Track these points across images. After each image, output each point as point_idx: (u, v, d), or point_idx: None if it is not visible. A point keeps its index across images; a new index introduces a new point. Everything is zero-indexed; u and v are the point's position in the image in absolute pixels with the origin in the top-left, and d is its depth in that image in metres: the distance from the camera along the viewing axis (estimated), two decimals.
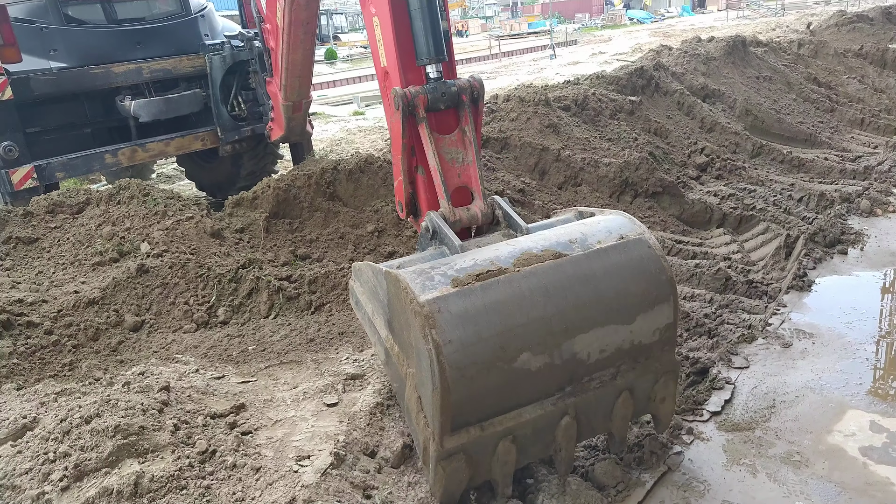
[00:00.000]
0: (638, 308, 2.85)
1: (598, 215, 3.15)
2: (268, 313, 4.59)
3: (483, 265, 2.65)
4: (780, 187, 7.09)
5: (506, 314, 2.58)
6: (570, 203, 6.60)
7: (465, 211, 3.13)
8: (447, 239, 2.96)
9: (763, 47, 11.37)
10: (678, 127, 8.29)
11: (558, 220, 3.25)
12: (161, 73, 6.91)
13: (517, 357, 2.60)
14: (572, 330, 2.71)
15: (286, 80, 6.19)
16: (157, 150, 6.93)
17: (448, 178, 3.13)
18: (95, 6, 6.81)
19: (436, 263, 2.71)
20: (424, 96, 3.10)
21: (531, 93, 7.96)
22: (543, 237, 2.87)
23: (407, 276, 2.61)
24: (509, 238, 3.01)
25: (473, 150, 3.18)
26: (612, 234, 2.90)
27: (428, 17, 3.14)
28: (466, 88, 3.20)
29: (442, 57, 3.19)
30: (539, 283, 2.66)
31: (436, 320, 2.46)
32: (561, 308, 2.68)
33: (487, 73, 25.42)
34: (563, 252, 2.75)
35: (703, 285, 5.13)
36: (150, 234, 4.93)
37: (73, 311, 4.14)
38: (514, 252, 2.73)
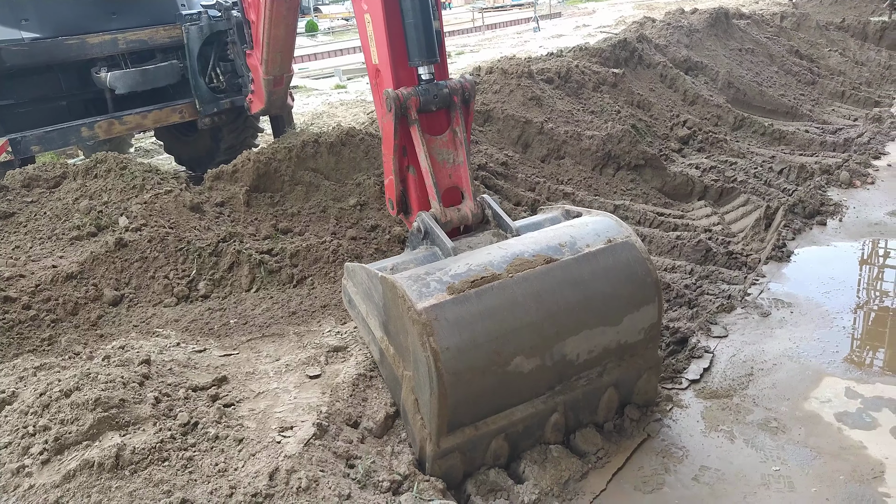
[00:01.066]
0: (625, 310, 2.99)
1: (586, 216, 3.23)
2: (249, 287, 4.56)
3: (477, 271, 2.74)
4: (760, 160, 7.13)
5: (500, 320, 2.69)
6: (553, 176, 6.59)
7: (455, 211, 3.21)
8: (439, 240, 3.03)
9: (746, 19, 11.35)
10: (661, 100, 8.29)
11: (546, 219, 3.35)
12: (137, 44, 6.76)
13: (511, 360, 2.73)
14: (563, 333, 2.84)
15: (268, 55, 6.08)
16: (134, 123, 6.81)
17: (439, 179, 3.20)
18: None
19: (430, 268, 2.79)
20: (417, 98, 3.12)
21: (514, 65, 7.89)
22: (534, 240, 2.96)
23: (403, 282, 2.68)
24: (499, 238, 3.10)
25: (464, 151, 3.22)
26: (599, 237, 3.01)
27: (420, 18, 3.15)
28: (458, 90, 3.23)
29: (434, 59, 3.20)
30: (531, 288, 2.76)
31: (433, 328, 2.56)
32: (552, 312, 2.80)
33: (471, 46, 25.19)
34: (554, 256, 2.86)
35: (683, 257, 5.17)
36: (129, 207, 4.86)
37: (51, 285, 4.09)
38: (506, 257, 2.82)
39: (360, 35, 3.44)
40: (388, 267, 3.02)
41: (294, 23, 5.94)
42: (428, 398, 2.63)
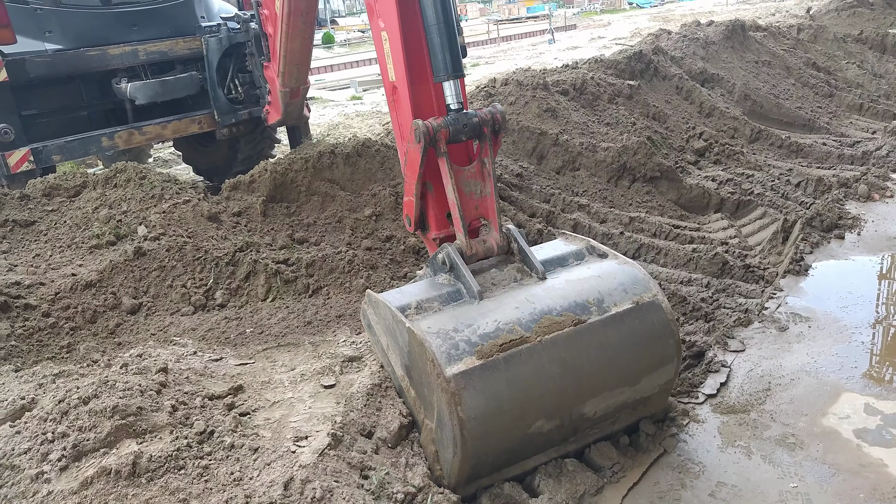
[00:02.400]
0: (646, 371, 3.07)
1: (612, 261, 3.23)
2: (265, 296, 4.59)
3: (505, 330, 2.77)
4: (778, 172, 7.08)
5: (526, 387, 2.76)
6: (568, 188, 6.59)
7: (481, 244, 3.16)
8: (465, 279, 3.01)
9: (762, 32, 11.32)
10: (677, 111, 8.27)
11: (570, 254, 3.31)
12: (157, 56, 6.85)
13: (532, 424, 2.82)
14: (584, 395, 2.92)
15: (284, 68, 6.15)
16: (153, 134, 6.89)
17: (466, 212, 3.12)
18: None
19: (458, 324, 2.81)
20: (446, 130, 3.04)
21: (529, 77, 7.92)
22: (562, 294, 2.97)
23: (432, 341, 2.71)
24: (523, 275, 3.11)
25: (492, 182, 3.16)
26: (627, 295, 3.03)
27: (445, 33, 3.08)
28: (488, 121, 3.13)
29: (460, 73, 3.14)
30: (559, 353, 2.82)
31: (462, 398, 2.63)
32: (577, 378, 2.88)
33: (486, 58, 25.29)
34: (582, 317, 2.89)
35: (700, 270, 5.14)
36: (147, 217, 4.92)
37: (70, 293, 4.14)
38: (534, 314, 2.85)
39: (377, 52, 3.43)
40: (411, 305, 2.97)
41: (310, 36, 6.00)
42: (450, 458, 2.75)
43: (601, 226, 5.87)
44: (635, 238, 5.60)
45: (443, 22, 3.07)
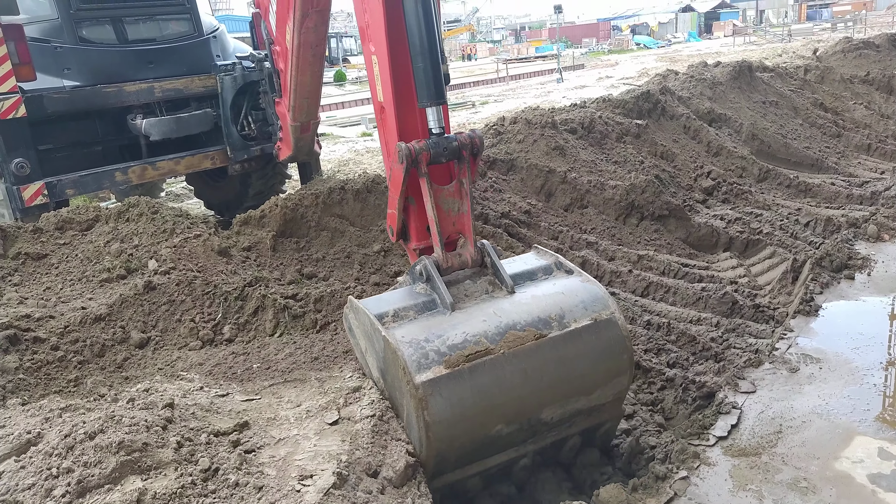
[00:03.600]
0: (601, 382, 3.28)
1: (576, 278, 3.45)
2: (273, 331, 4.59)
3: (472, 342, 3.01)
4: (786, 212, 7.09)
5: (488, 395, 2.99)
6: (576, 225, 6.61)
7: (456, 257, 3.39)
8: (439, 291, 3.23)
9: (769, 73, 11.43)
10: (684, 150, 8.32)
11: (539, 268, 3.53)
12: (172, 93, 6.98)
13: (493, 428, 3.05)
14: (543, 403, 3.15)
15: (295, 101, 6.25)
16: (166, 169, 6.98)
17: (443, 228, 3.37)
18: (109, 26, 6.91)
19: (430, 334, 3.04)
20: (427, 153, 3.25)
21: (538, 115, 8.01)
22: (527, 309, 3.20)
23: (404, 349, 2.95)
24: (494, 287, 3.35)
25: (468, 200, 3.39)
26: (587, 312, 3.25)
27: (429, 62, 3.27)
28: (467, 145, 3.34)
29: (442, 100, 3.33)
30: (520, 365, 3.05)
31: (429, 403, 2.87)
32: (536, 387, 3.10)
33: (495, 96, 25.60)
34: (543, 331, 3.12)
35: (709, 309, 5.12)
36: (158, 251, 4.95)
37: (79, 327, 4.16)
38: (500, 328, 3.08)
39: (367, 74, 3.66)
40: (389, 313, 3.20)
41: (320, 70, 6.10)
42: (416, 452, 3.00)
43: (609, 263, 5.87)
44: (644, 276, 5.60)
45: (427, 51, 3.26)
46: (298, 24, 5.47)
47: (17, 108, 5.99)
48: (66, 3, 6.54)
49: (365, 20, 3.53)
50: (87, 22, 6.74)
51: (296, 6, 5.36)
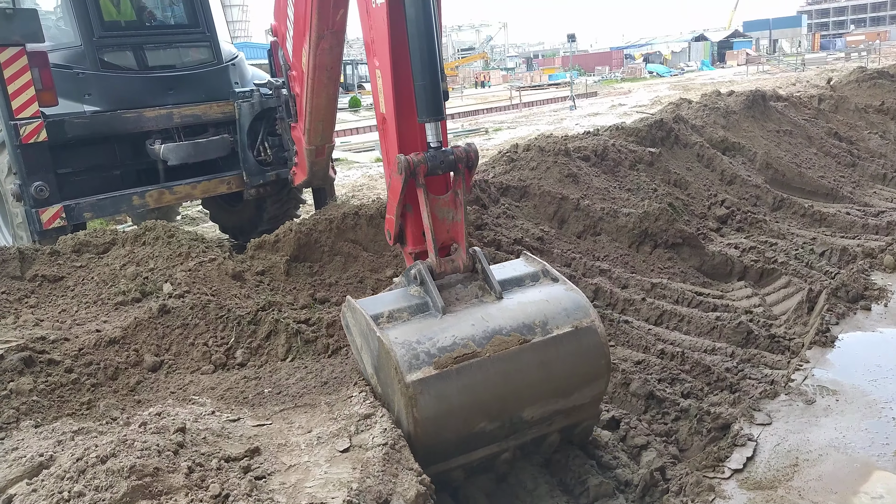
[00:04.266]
0: (579, 385, 3.46)
1: (560, 287, 3.62)
2: (285, 356, 4.59)
3: (460, 345, 3.20)
4: (801, 241, 7.04)
5: (473, 395, 3.18)
6: (589, 252, 6.60)
7: (449, 262, 3.58)
8: (432, 295, 3.43)
9: (783, 102, 11.45)
10: (698, 179, 8.32)
11: (527, 275, 3.72)
12: (191, 119, 7.10)
13: (477, 425, 3.24)
14: (524, 403, 3.33)
15: (310, 124, 6.31)
16: (183, 193, 7.07)
17: (438, 235, 3.56)
18: (130, 53, 7.06)
19: (421, 336, 3.23)
20: (425, 165, 3.44)
21: (551, 143, 8.05)
22: (512, 315, 3.39)
23: (397, 350, 3.14)
24: (484, 292, 3.55)
25: (462, 210, 3.58)
26: (568, 319, 3.44)
27: (430, 79, 3.44)
28: (463, 158, 3.52)
29: (440, 116, 3.49)
30: (504, 367, 3.24)
31: (417, 400, 3.07)
32: (518, 389, 3.29)
33: (508, 123, 25.77)
34: (527, 336, 3.31)
35: (724, 338, 5.07)
36: (173, 274, 4.99)
37: (93, 349, 4.18)
38: (487, 332, 3.28)
39: (371, 86, 3.87)
40: (384, 314, 3.39)
41: (335, 93, 6.17)
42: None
43: (622, 291, 5.84)
44: (657, 304, 5.56)
45: (428, 70, 3.43)
46: (314, 46, 5.55)
47: (38, 133, 6.11)
48: (88, 31, 6.69)
49: (371, 36, 3.72)
50: (109, 49, 6.89)
51: (311, 28, 5.44)
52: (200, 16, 7.46)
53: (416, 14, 3.39)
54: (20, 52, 5.92)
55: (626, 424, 4.02)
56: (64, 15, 7.07)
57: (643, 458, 3.78)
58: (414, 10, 3.39)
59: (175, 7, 7.77)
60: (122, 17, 7.31)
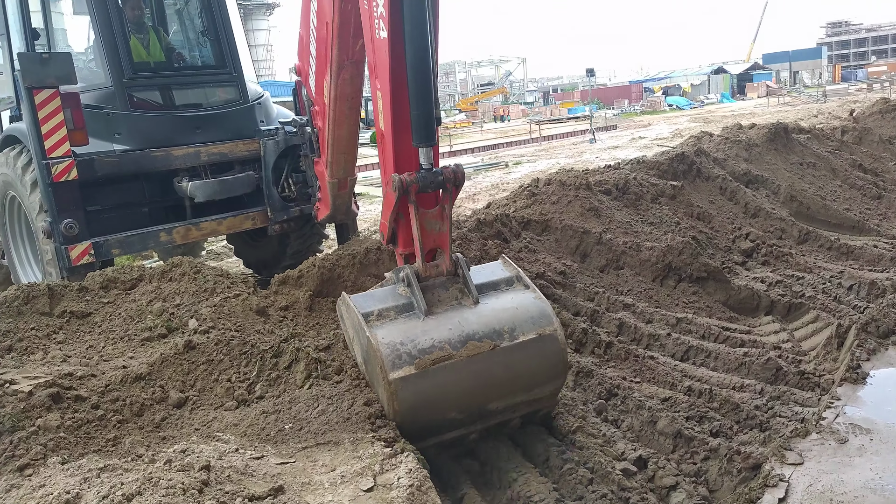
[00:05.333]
0: (540, 382, 4.00)
1: (530, 294, 4.07)
2: (303, 384, 4.57)
3: (438, 347, 3.69)
4: (828, 275, 6.94)
5: (446, 390, 3.71)
6: (612, 286, 6.56)
7: (434, 267, 4.02)
8: (417, 298, 3.87)
9: (806, 134, 11.39)
10: (721, 212, 8.27)
11: (502, 280, 4.16)
12: (218, 157, 7.22)
13: (448, 414, 3.81)
14: (490, 398, 3.88)
15: (332, 157, 6.35)
16: (209, 230, 7.16)
17: (425, 243, 4.01)
18: (159, 93, 7.24)
19: (405, 337, 3.70)
20: (416, 185, 3.86)
21: (572, 177, 8.07)
22: (486, 321, 3.86)
23: (383, 349, 3.62)
24: (463, 296, 3.99)
25: (449, 222, 4.05)
26: (534, 326, 3.90)
27: (423, 106, 3.80)
28: (451, 178, 3.95)
29: (432, 142, 3.88)
30: (475, 368, 3.74)
31: (398, 394, 3.61)
32: (486, 385, 3.81)
33: (528, 156, 25.90)
34: (496, 342, 3.79)
35: (752, 375, 4.99)
36: (199, 310, 5.04)
37: (120, 386, 4.21)
38: (462, 336, 3.76)
39: (373, 104, 4.25)
40: (374, 312, 3.86)
41: (356, 124, 6.23)
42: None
43: (647, 326, 5.78)
44: (683, 340, 5.49)
45: (422, 100, 3.79)
46: (335, 77, 5.61)
47: (69, 171, 6.26)
48: (119, 72, 6.88)
49: (374, 60, 4.11)
50: (138, 89, 7.07)
51: (332, 59, 5.52)
52: (228, 57, 7.64)
53: (415, 50, 3.73)
54: (54, 93, 6.10)
55: (654, 464, 3.94)
56: (95, 57, 7.29)
57: (672, 500, 3.70)
58: (412, 47, 3.73)
59: (203, 48, 7.98)
60: (152, 59, 7.51)
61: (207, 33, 7.78)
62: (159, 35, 7.77)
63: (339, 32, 5.32)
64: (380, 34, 3.96)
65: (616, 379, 4.89)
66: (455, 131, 45.65)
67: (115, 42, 6.86)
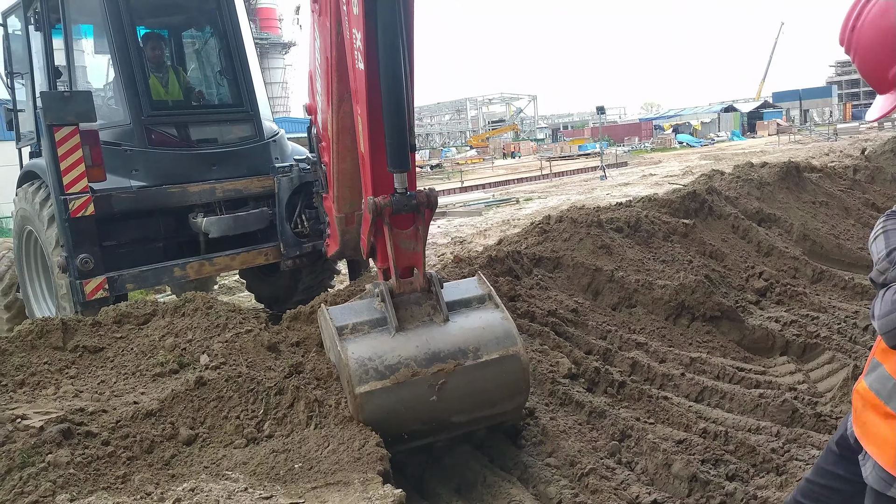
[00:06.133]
0: (502, 399, 4.19)
1: (498, 314, 4.25)
2: (308, 423, 4.53)
3: (404, 364, 3.92)
4: (843, 314, 6.86)
5: (410, 405, 3.93)
6: (625, 325, 6.52)
7: (408, 284, 4.23)
8: (390, 314, 4.08)
9: (817, 173, 11.39)
10: (734, 250, 8.24)
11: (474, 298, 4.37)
12: (233, 193, 7.31)
13: (412, 426, 4.03)
14: (453, 413, 4.09)
15: (338, 191, 6.34)
16: (223, 265, 7.21)
17: (399, 261, 4.22)
18: (176, 131, 7.37)
19: (373, 353, 3.95)
20: (390, 208, 4.09)
21: (583, 214, 8.09)
22: (452, 340, 4.05)
23: (352, 364, 3.89)
24: (435, 312, 4.17)
25: (423, 243, 4.26)
26: (498, 347, 4.09)
27: (397, 134, 4.04)
28: (424, 202, 4.17)
29: (406, 168, 4.10)
30: (438, 385, 3.93)
31: (364, 407, 3.90)
32: (449, 400, 4.00)
33: (539, 193, 26.00)
34: (461, 360, 3.99)
35: (768, 417, 4.91)
36: (211, 345, 5.04)
37: (130, 422, 4.20)
38: (428, 354, 3.97)
39: (355, 127, 4.56)
40: (348, 326, 4.11)
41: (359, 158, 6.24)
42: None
43: (660, 366, 5.72)
44: (697, 380, 5.43)
45: (396, 129, 4.02)
46: (336, 110, 5.64)
47: (86, 207, 6.34)
48: (138, 111, 7.01)
49: (355, 87, 4.39)
50: (156, 127, 7.19)
51: (332, 93, 5.57)
52: (244, 95, 7.78)
53: (389, 82, 3.97)
54: (73, 131, 6.22)
55: None
56: (115, 95, 7.44)
57: None
58: (386, 78, 3.97)
59: (221, 87, 8.14)
60: (170, 97, 7.66)
61: (225, 72, 7.94)
62: (178, 74, 7.94)
63: (338, 66, 5.38)
64: (358, 65, 4.25)
65: (630, 420, 4.82)
66: (466, 167, 46.04)
67: (134, 81, 7.00)
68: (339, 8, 4.62)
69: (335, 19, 4.94)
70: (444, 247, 13.21)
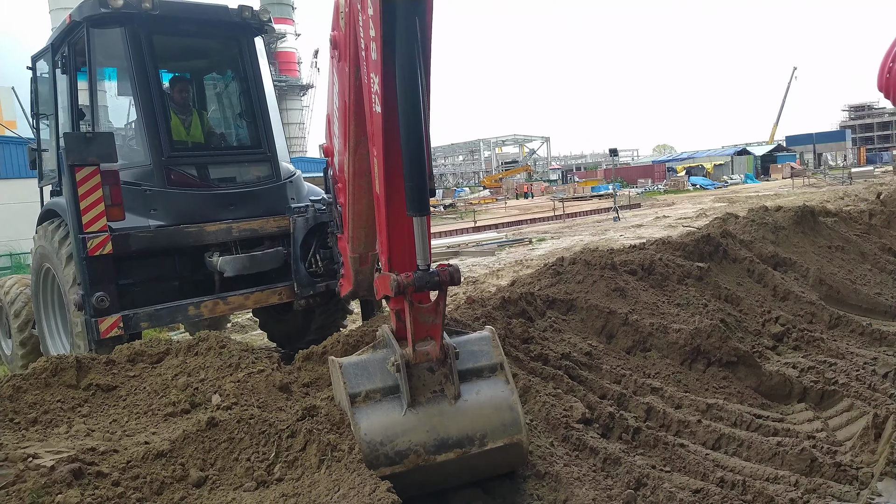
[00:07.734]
0: (501, 470, 4.47)
1: (508, 394, 4.37)
2: (319, 466, 4.48)
3: (413, 451, 4.09)
4: (862, 361, 6.75)
5: (416, 480, 4.13)
6: (639, 369, 6.44)
7: (424, 354, 4.27)
8: (404, 390, 4.18)
9: (833, 217, 11.34)
10: (749, 294, 8.17)
11: (485, 368, 4.45)
12: (248, 233, 7.38)
13: (409, 492, 4.04)
14: (452, 483, 4.35)
15: (353, 231, 6.38)
16: (237, 304, 7.24)
17: (417, 333, 4.26)
18: (195, 171, 7.48)
19: (384, 437, 4.10)
20: (412, 286, 4.12)
21: (597, 256, 8.07)
22: (460, 425, 4.20)
23: (364, 447, 4.07)
24: (447, 382, 4.29)
25: (441, 316, 4.31)
26: (504, 434, 4.24)
27: (416, 181, 4.03)
28: (447, 280, 4.20)
29: (426, 212, 4.12)
30: (443, 468, 4.17)
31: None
32: (450, 477, 4.29)
33: (552, 233, 26.02)
34: (467, 449, 4.18)
35: (786, 466, 4.81)
36: (223, 385, 5.03)
37: (141, 462, 4.18)
38: (437, 441, 4.15)
39: (371, 168, 4.55)
40: (361, 394, 4.20)
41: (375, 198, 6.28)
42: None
43: (676, 411, 5.64)
44: (714, 427, 5.34)
45: (416, 172, 4.00)
46: (353, 152, 5.70)
47: (104, 246, 6.42)
48: (158, 152, 7.14)
49: (371, 130, 4.43)
50: (176, 167, 7.32)
51: (349, 135, 5.64)
52: (263, 137, 7.91)
53: (408, 125, 3.96)
54: (94, 171, 6.34)
55: None
56: (136, 136, 7.59)
57: None
58: (405, 121, 3.96)
59: (240, 129, 8.30)
60: (191, 139, 7.81)
61: (245, 115, 8.09)
62: (202, 116, 8.11)
63: (355, 109, 5.47)
64: (375, 108, 4.30)
65: (645, 467, 4.73)
66: (479, 207, 46.27)
67: (156, 123, 7.15)
68: (358, 53, 4.72)
69: (354, 65, 5.06)
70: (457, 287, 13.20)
